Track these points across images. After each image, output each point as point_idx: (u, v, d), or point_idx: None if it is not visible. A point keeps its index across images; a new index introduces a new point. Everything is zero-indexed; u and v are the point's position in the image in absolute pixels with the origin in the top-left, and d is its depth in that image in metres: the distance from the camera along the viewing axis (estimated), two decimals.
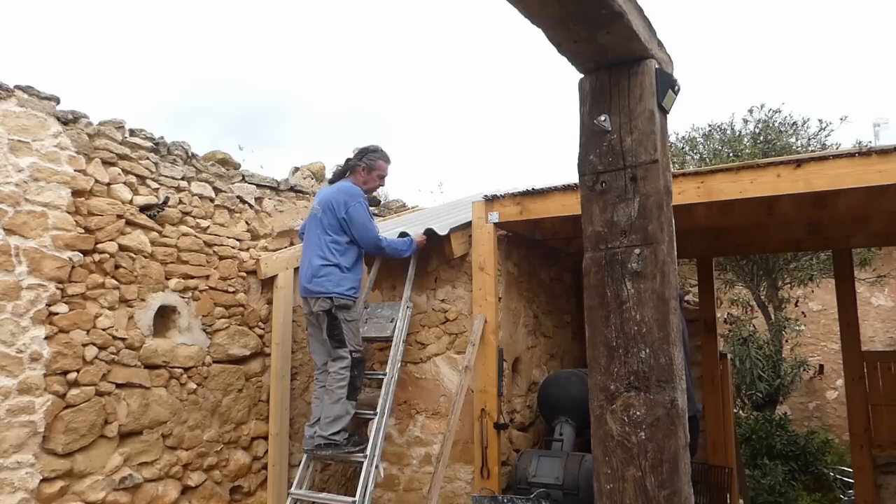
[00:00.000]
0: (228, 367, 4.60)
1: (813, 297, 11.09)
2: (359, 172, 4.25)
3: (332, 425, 3.90)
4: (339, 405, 3.93)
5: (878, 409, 5.61)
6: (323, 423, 3.94)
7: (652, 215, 1.64)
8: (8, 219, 3.40)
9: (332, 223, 4.04)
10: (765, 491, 7.45)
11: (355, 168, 4.25)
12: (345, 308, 3.99)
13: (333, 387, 3.97)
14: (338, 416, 3.91)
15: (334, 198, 4.08)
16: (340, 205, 4.03)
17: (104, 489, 3.75)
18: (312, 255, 4.06)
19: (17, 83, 3.52)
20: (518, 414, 4.55)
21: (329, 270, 3.98)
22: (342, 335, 3.98)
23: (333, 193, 4.13)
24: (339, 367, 3.98)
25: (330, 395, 3.97)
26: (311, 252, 4.09)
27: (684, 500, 1.57)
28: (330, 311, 3.96)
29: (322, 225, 4.07)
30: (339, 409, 3.92)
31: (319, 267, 3.99)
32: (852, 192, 3.40)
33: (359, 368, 4.03)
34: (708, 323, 5.90)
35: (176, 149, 4.38)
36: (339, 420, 3.91)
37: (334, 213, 4.04)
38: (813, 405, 11.28)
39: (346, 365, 3.96)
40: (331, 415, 3.92)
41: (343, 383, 3.95)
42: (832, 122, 10.64)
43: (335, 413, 3.92)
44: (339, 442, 3.90)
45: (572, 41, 1.61)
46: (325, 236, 4.04)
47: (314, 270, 4.00)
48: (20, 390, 3.38)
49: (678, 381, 1.59)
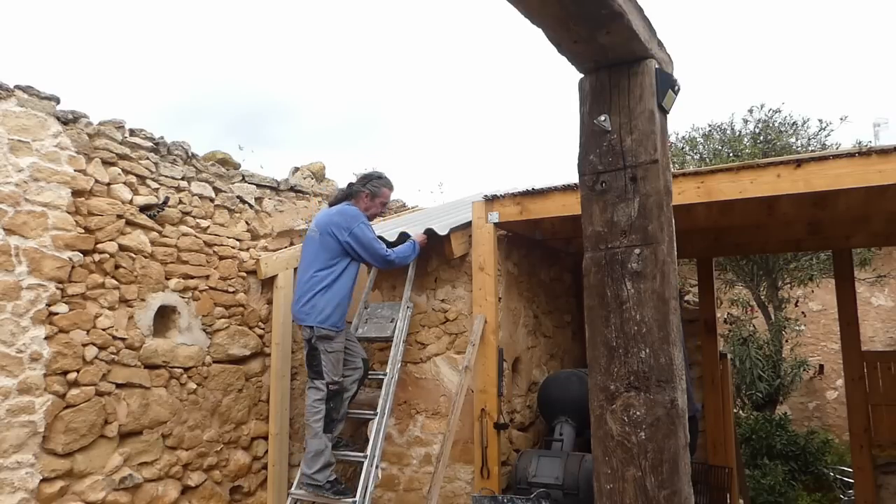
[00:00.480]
0: (228, 367, 4.60)
1: (813, 297, 11.08)
2: (361, 198, 4.18)
3: (315, 461, 3.85)
4: (317, 440, 3.88)
5: (878, 409, 5.61)
6: (306, 458, 3.91)
7: (652, 215, 1.64)
8: (8, 219, 3.40)
9: (331, 247, 3.96)
10: (765, 491, 7.44)
11: (358, 194, 4.18)
12: (326, 339, 3.91)
13: (310, 420, 3.93)
14: (318, 450, 3.86)
15: (334, 221, 4.00)
16: (342, 228, 3.95)
17: (104, 489, 3.75)
18: (303, 280, 4.01)
19: (17, 83, 3.53)
20: (518, 414, 4.55)
21: (315, 301, 3.91)
22: (320, 366, 3.92)
23: (332, 216, 4.05)
24: (314, 398, 3.94)
25: (308, 429, 3.93)
26: (302, 275, 4.05)
27: (684, 500, 1.57)
28: (310, 340, 3.92)
29: (317, 249, 4.00)
30: (318, 444, 3.87)
31: (306, 294, 3.95)
32: (852, 192, 3.40)
33: (335, 401, 3.96)
34: (708, 323, 5.90)
35: (176, 149, 4.38)
36: (320, 455, 3.85)
37: (334, 236, 3.96)
38: (813, 405, 11.28)
39: (322, 398, 3.91)
40: (312, 449, 3.88)
41: (319, 416, 3.90)
42: (832, 122, 10.63)
43: (315, 447, 3.88)
44: (322, 484, 3.83)
45: (572, 41, 1.61)
46: (316, 262, 3.98)
47: (301, 296, 3.99)
48: (20, 390, 3.38)
49: (678, 381, 1.59)
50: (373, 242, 4.00)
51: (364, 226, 4.00)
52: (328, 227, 4.00)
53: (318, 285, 3.93)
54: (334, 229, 3.97)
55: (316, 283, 3.93)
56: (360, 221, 4.01)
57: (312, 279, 3.95)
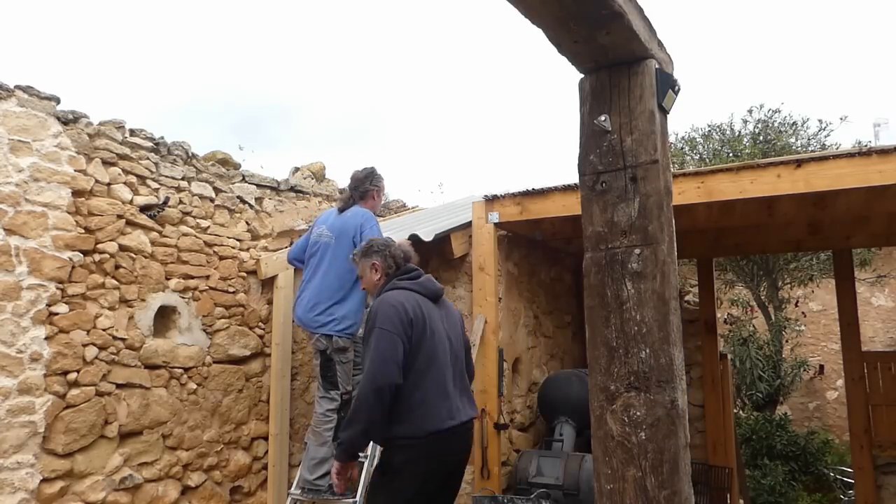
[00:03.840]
0: (229, 368, 4.60)
1: (813, 297, 11.08)
2: (373, 196, 4.09)
3: (318, 468, 3.79)
4: (325, 448, 3.82)
5: (878, 410, 5.61)
6: (309, 465, 3.83)
7: (652, 215, 1.64)
8: (8, 219, 3.40)
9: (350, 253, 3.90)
10: (765, 491, 7.44)
11: (368, 192, 4.07)
12: (342, 350, 3.85)
13: (321, 428, 3.85)
14: (324, 458, 3.80)
15: (352, 224, 3.89)
16: (357, 231, 3.85)
17: (104, 489, 3.75)
18: (320, 287, 3.87)
19: (18, 83, 3.53)
20: (518, 414, 4.55)
21: (333, 310, 3.81)
22: (335, 377, 3.85)
23: (348, 219, 3.93)
24: (327, 408, 3.86)
25: (317, 437, 3.86)
26: (315, 280, 3.91)
27: (684, 500, 1.57)
28: (326, 350, 3.84)
29: (332, 254, 3.88)
30: (325, 452, 3.81)
31: (323, 302, 3.83)
32: (852, 192, 3.40)
33: (345, 409, 3.87)
34: (708, 323, 5.90)
35: (176, 149, 4.38)
36: (325, 463, 3.79)
37: (352, 241, 3.84)
38: (813, 405, 11.28)
39: (335, 407, 3.85)
40: (317, 457, 3.81)
41: (330, 426, 3.83)
42: (832, 122, 10.67)
43: (321, 455, 3.81)
44: (323, 488, 3.78)
45: (572, 41, 1.61)
46: (333, 268, 3.85)
47: (315, 303, 3.85)
48: (20, 390, 3.38)
49: (678, 382, 1.59)
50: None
51: (377, 227, 3.92)
52: (344, 230, 3.90)
53: (338, 293, 3.83)
54: (352, 232, 3.87)
55: (335, 290, 3.83)
56: (373, 223, 3.92)
57: (330, 286, 3.84)
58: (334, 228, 3.94)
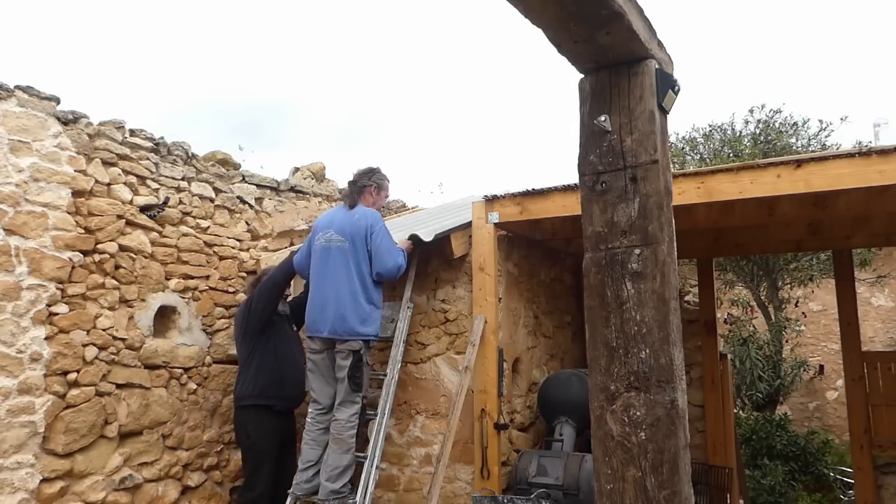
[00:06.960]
0: (229, 368, 4.59)
1: (813, 297, 11.09)
2: (371, 192, 4.09)
3: (343, 477, 3.73)
4: (349, 455, 3.76)
5: (878, 410, 5.61)
6: (332, 475, 3.73)
7: (652, 215, 1.64)
8: (8, 219, 3.40)
9: (367, 256, 3.84)
10: (765, 491, 7.44)
11: (365, 188, 4.07)
12: (368, 351, 3.86)
13: (344, 435, 3.77)
14: (347, 466, 3.76)
15: (362, 226, 3.87)
16: (367, 233, 3.85)
17: (104, 489, 3.75)
18: (342, 292, 3.80)
19: (18, 83, 3.53)
20: (518, 414, 4.55)
21: (365, 311, 3.80)
22: (362, 379, 3.82)
23: (357, 221, 3.91)
24: (350, 413, 3.80)
25: (340, 444, 3.76)
26: (338, 287, 3.82)
27: (684, 500, 1.57)
28: (359, 351, 3.78)
29: (355, 259, 3.84)
30: (349, 460, 3.76)
31: (352, 305, 3.78)
32: (852, 192, 3.40)
33: (363, 415, 3.91)
34: (708, 323, 5.90)
35: (176, 149, 4.38)
36: (349, 471, 3.75)
37: (365, 244, 3.84)
38: (813, 405, 11.28)
39: (357, 412, 3.82)
40: (341, 465, 3.75)
41: (354, 431, 3.78)
42: (832, 123, 10.62)
43: (345, 463, 3.75)
44: (345, 493, 3.75)
45: (572, 41, 1.61)
46: (356, 271, 3.82)
47: (344, 309, 3.77)
48: (20, 390, 3.38)
49: (678, 382, 1.59)
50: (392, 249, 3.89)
51: (385, 230, 3.93)
52: (357, 232, 3.87)
53: (362, 297, 3.81)
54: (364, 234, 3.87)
55: (361, 294, 3.81)
56: (381, 225, 3.92)
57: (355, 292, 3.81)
58: (345, 232, 3.89)
